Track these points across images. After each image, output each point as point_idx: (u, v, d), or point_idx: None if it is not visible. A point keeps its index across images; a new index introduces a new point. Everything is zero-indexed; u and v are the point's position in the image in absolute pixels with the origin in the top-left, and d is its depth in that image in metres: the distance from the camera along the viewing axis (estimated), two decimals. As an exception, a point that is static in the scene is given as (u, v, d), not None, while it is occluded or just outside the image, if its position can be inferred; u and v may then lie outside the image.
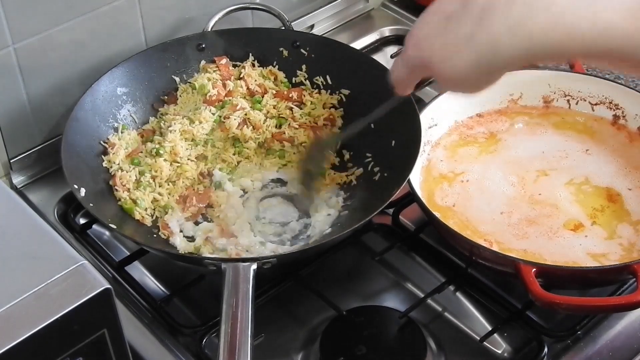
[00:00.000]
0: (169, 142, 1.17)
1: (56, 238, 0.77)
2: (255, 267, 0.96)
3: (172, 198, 1.14)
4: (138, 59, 1.23)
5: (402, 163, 1.09)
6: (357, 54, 1.27)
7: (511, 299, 1.08)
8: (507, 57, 0.78)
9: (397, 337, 1.04)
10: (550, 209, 1.11)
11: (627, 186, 1.14)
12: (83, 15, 1.17)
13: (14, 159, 1.21)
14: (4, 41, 1.11)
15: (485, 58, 0.79)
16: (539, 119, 1.24)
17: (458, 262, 1.13)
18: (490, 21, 0.78)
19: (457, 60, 0.80)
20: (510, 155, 1.19)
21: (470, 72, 0.81)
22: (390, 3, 1.56)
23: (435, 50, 0.83)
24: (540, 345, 1.03)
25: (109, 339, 0.76)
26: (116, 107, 1.21)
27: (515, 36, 0.77)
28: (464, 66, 0.80)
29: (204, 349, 1.03)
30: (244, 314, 0.92)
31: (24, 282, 0.72)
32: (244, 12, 1.35)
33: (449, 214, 1.11)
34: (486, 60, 0.79)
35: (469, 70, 0.81)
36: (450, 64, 0.81)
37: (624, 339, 1.04)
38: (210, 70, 1.26)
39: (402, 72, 0.90)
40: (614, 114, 1.22)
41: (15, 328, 0.69)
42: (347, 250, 1.14)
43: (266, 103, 1.24)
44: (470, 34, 0.79)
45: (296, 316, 1.09)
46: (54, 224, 1.17)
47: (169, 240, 1.10)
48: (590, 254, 1.05)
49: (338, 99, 1.25)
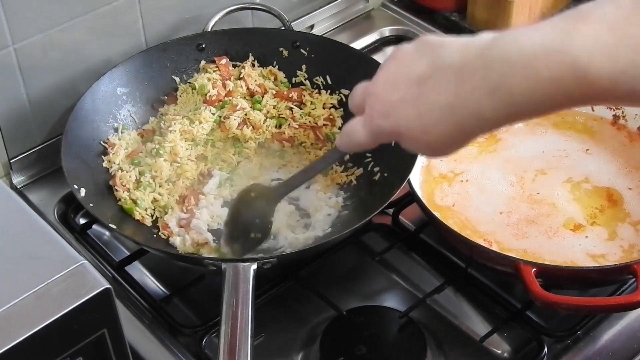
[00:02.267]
0: (169, 142, 1.17)
1: (56, 238, 0.77)
2: (255, 267, 0.96)
3: (172, 198, 1.14)
4: (138, 59, 1.23)
5: (402, 163, 1.09)
6: (357, 54, 1.27)
7: (511, 299, 1.08)
8: (492, 121, 0.74)
9: (397, 337, 1.04)
10: (549, 208, 1.11)
11: (628, 186, 1.14)
12: (83, 15, 1.17)
13: (14, 159, 1.21)
14: (4, 41, 1.11)
15: (469, 125, 0.75)
16: (538, 119, 1.24)
17: (458, 262, 1.13)
18: (470, 86, 0.73)
19: (438, 130, 0.76)
20: (510, 155, 1.19)
21: (454, 140, 0.77)
22: (390, 3, 1.56)
23: (410, 120, 0.77)
24: (540, 345, 1.03)
25: (109, 339, 0.76)
26: (116, 107, 1.21)
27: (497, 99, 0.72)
28: (447, 135, 0.76)
29: (204, 349, 1.03)
30: (244, 314, 0.92)
31: (24, 282, 0.72)
32: (244, 12, 1.35)
33: (449, 214, 1.11)
34: (470, 127, 0.75)
35: (453, 138, 0.77)
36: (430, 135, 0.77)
37: (624, 339, 1.04)
38: (210, 70, 1.26)
39: (364, 137, 0.83)
40: (614, 114, 1.22)
41: (15, 328, 0.69)
42: (347, 250, 1.14)
43: (266, 103, 1.24)
44: (450, 103, 0.74)
45: (296, 316, 1.09)
46: (54, 224, 1.17)
47: (169, 240, 1.10)
48: (590, 255, 1.05)
49: (338, 99, 1.25)
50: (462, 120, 0.75)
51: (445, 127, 0.76)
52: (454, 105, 0.74)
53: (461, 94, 0.74)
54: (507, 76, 0.71)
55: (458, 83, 0.74)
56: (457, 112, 0.74)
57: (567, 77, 0.69)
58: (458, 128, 0.75)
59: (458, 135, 0.76)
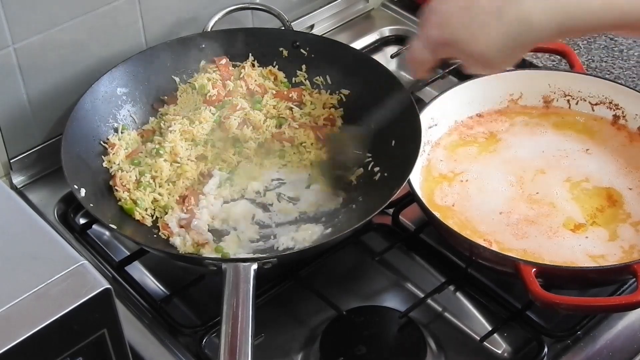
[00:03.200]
0: (169, 143, 1.17)
1: (56, 238, 0.77)
2: (255, 267, 0.96)
3: (172, 198, 1.14)
4: (138, 59, 1.23)
5: (402, 163, 1.09)
6: (357, 54, 1.28)
7: (511, 299, 1.08)
8: (539, 29, 0.77)
9: (397, 337, 1.04)
10: (548, 208, 1.11)
11: (628, 186, 1.14)
12: (83, 15, 1.17)
13: (14, 159, 1.21)
14: (4, 41, 1.11)
15: (516, 31, 0.77)
16: (538, 119, 1.24)
17: (458, 262, 1.13)
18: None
19: (488, 34, 0.79)
20: (510, 155, 1.19)
21: (501, 45, 0.79)
22: (390, 3, 1.56)
23: (462, 26, 0.81)
24: (540, 345, 1.03)
25: (109, 339, 0.76)
26: (116, 107, 1.21)
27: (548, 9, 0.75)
28: (494, 40, 0.79)
29: (204, 349, 1.03)
30: (245, 314, 0.92)
31: (24, 282, 0.72)
32: (244, 12, 1.35)
33: (449, 214, 1.11)
34: (518, 33, 0.78)
35: (499, 43, 0.79)
36: (480, 39, 0.79)
37: (624, 339, 1.04)
38: (210, 70, 1.26)
39: (425, 52, 0.87)
40: (614, 114, 1.22)
41: (15, 328, 0.69)
42: (347, 250, 1.14)
43: (266, 103, 1.24)
44: (499, 7, 0.77)
45: (296, 316, 1.09)
46: (54, 224, 1.17)
47: (169, 241, 1.10)
48: (589, 255, 1.05)
49: (338, 99, 1.25)
50: (509, 23, 0.77)
51: (496, 30, 0.78)
52: (502, 9, 0.77)
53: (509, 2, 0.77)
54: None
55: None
56: (504, 16, 0.77)
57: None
58: (506, 31, 0.78)
59: (505, 41, 0.79)
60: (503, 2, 0.78)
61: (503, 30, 0.78)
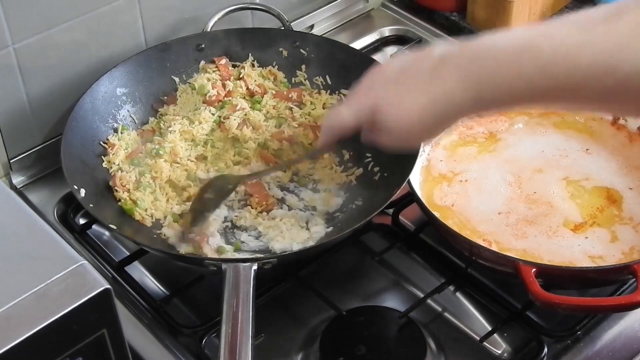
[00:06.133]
0: (168, 143, 1.17)
1: (56, 238, 0.77)
2: (255, 268, 0.96)
3: (172, 200, 1.14)
4: (138, 59, 1.23)
5: (402, 163, 1.09)
6: (357, 54, 1.28)
7: (511, 299, 1.08)
8: (460, 104, 0.82)
9: (397, 337, 1.04)
10: (546, 207, 1.11)
11: (628, 186, 1.14)
12: (83, 15, 1.17)
13: (14, 159, 1.21)
14: (4, 41, 1.11)
15: (439, 105, 0.83)
16: (538, 119, 1.24)
17: (458, 262, 1.13)
18: (445, 71, 0.82)
19: (414, 99, 0.83)
20: (510, 154, 1.19)
21: (425, 114, 0.84)
22: (390, 3, 1.56)
23: (388, 95, 0.86)
24: (540, 346, 1.03)
25: (108, 339, 0.76)
26: (116, 107, 1.21)
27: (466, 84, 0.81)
28: (419, 106, 0.84)
29: (203, 349, 1.03)
30: (245, 314, 0.92)
31: (24, 282, 0.72)
32: (244, 12, 1.35)
33: (449, 214, 1.11)
34: (440, 106, 0.83)
35: (423, 111, 0.84)
36: (406, 103, 0.84)
37: (624, 339, 1.04)
38: (210, 70, 1.26)
39: (346, 115, 0.91)
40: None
41: (15, 328, 0.69)
42: (347, 250, 1.14)
43: (266, 103, 1.24)
44: (425, 82, 0.83)
45: (296, 316, 1.09)
46: (54, 224, 1.17)
47: (169, 241, 1.10)
48: (589, 255, 1.05)
49: (338, 99, 1.25)
50: (433, 97, 0.83)
51: (419, 102, 0.83)
52: (428, 83, 0.83)
53: (436, 75, 0.83)
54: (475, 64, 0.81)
55: (435, 67, 0.83)
56: (429, 89, 0.83)
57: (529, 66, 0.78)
58: (430, 105, 0.83)
59: (430, 110, 0.83)
60: (432, 73, 0.83)
61: (426, 102, 0.83)
